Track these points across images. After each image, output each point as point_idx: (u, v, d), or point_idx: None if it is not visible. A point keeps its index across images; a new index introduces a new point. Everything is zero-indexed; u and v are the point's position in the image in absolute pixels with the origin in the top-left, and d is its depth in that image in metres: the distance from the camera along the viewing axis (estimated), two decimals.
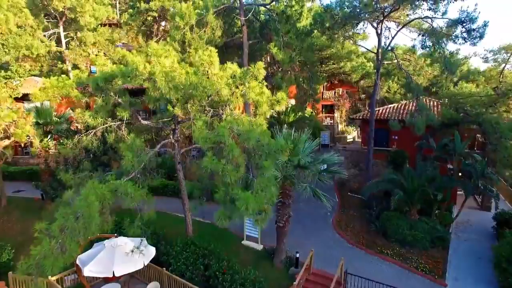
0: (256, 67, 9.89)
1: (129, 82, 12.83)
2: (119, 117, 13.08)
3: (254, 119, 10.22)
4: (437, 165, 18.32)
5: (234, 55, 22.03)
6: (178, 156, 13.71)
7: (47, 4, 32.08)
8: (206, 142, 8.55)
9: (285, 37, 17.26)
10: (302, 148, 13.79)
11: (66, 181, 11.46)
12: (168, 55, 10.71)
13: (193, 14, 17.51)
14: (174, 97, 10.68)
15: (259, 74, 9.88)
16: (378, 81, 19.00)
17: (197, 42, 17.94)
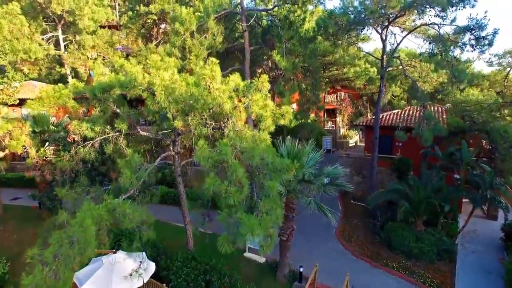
0: (260, 80, 9.47)
1: (128, 92, 12.44)
2: (117, 128, 12.67)
3: (258, 134, 9.79)
4: (443, 175, 17.90)
5: (235, 61, 21.61)
6: (178, 168, 13.30)
7: (46, 7, 31.64)
8: (208, 161, 8.12)
9: (287, 44, 16.84)
10: (306, 160, 13.39)
11: (62, 197, 11.03)
12: (168, 67, 10.28)
13: (194, 20, 17.09)
14: (174, 110, 10.26)
15: (263, 87, 9.47)
16: (382, 88, 18.56)
17: (198, 49, 17.51)
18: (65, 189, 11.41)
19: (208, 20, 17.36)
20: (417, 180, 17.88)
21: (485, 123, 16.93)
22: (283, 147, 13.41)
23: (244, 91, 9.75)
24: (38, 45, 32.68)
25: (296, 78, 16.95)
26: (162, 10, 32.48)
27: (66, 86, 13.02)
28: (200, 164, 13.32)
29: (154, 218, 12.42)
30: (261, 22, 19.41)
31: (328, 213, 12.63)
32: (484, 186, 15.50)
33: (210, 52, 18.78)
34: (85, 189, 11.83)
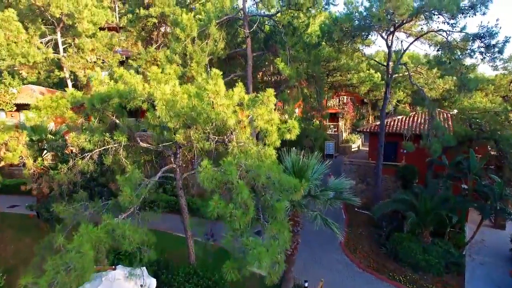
0: (266, 94, 9.05)
1: (127, 103, 12.03)
2: (116, 140, 12.26)
3: (263, 150, 9.38)
4: (449, 184, 17.49)
5: (237, 66, 21.20)
6: (180, 181, 12.88)
7: (44, 10, 31.21)
8: (212, 182, 7.71)
9: (291, 50, 16.42)
10: (311, 173, 12.99)
11: (60, 213, 10.62)
12: (169, 79, 9.86)
13: (195, 26, 16.67)
14: (176, 124, 9.85)
15: (269, 102, 9.06)
16: (388, 95, 18.15)
17: (199, 55, 17.09)
18: (63, 204, 11.01)
19: (209, 26, 16.94)
20: (423, 189, 17.48)
21: (493, 131, 16.51)
22: (288, 159, 13.00)
23: (249, 105, 9.33)
24: (36, 48, 32.29)
25: (300, 85, 16.54)
26: (162, 13, 32.05)
27: (65, 91, 12.66)
28: None
29: (154, 227, 12.03)
30: (264, 27, 18.99)
31: (335, 228, 12.22)
32: (494, 197, 15.10)
33: (212, 58, 18.38)
34: (84, 204, 11.42)
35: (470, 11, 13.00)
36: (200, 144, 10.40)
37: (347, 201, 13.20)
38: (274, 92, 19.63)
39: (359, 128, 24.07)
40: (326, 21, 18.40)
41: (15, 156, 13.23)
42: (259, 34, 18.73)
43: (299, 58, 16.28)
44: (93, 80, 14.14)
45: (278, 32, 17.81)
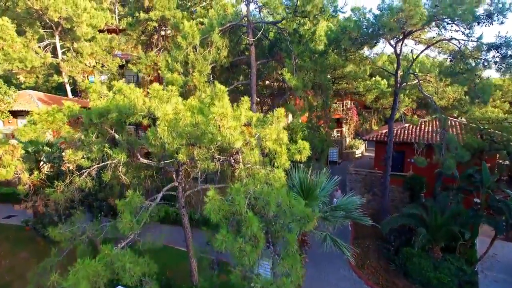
0: (275, 115, 8.45)
1: (127, 119, 11.44)
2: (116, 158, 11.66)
3: (272, 173, 8.78)
4: (460, 198, 16.89)
5: (240, 74, 20.60)
6: (182, 200, 12.28)
7: (43, 13, 30.57)
8: (219, 213, 7.11)
9: (297, 59, 15.81)
10: (319, 191, 12.41)
11: (55, 237, 10.01)
12: (171, 96, 9.26)
13: (197, 34, 16.06)
14: (178, 145, 9.24)
15: (279, 122, 8.46)
16: (396, 105, 17.54)
17: (201, 64, 16.48)
18: (59, 227, 10.40)
19: (212, 33, 16.32)
20: (433, 203, 16.87)
21: (508, 142, 15.90)
22: (295, 176, 12.39)
23: (257, 125, 8.73)
24: (34, 53, 31.69)
25: (306, 95, 15.97)
26: (163, 16, 31.42)
27: (64, 95, 12.04)
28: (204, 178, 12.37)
29: (154, 241, 11.44)
30: (268, 34, 18.37)
31: (345, 250, 11.63)
32: (509, 213, 14.49)
33: (214, 66, 17.77)
34: (81, 226, 10.82)
35: (487, 20, 12.41)
36: (205, 164, 9.80)
37: (357, 221, 12.59)
38: (277, 100, 18.96)
39: (364, 137, 23.42)
40: (332, 26, 17.76)
41: (9, 172, 12.58)
42: (263, 41, 18.11)
43: (305, 67, 15.68)
44: (91, 93, 13.59)
45: (283, 40, 17.21)
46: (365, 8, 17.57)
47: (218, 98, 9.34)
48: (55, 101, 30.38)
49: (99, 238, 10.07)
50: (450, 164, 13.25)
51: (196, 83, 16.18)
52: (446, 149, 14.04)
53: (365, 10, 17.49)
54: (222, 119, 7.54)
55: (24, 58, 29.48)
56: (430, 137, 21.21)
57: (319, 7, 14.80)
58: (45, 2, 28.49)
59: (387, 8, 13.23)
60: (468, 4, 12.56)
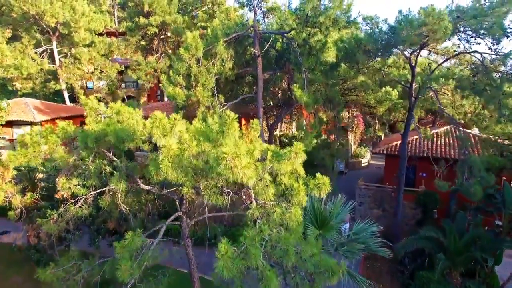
0: (294, 150, 7.48)
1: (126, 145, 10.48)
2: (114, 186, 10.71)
3: (288, 212, 7.81)
4: (480, 219, 15.94)
5: (245, 85, 19.64)
6: (186, 230, 11.30)
7: (39, 18, 29.58)
8: (231, 270, 6.15)
9: (307, 72, 14.85)
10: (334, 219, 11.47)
11: (46, 279, 9.04)
12: (175, 125, 8.28)
13: (201, 45, 15.09)
14: (183, 180, 8.28)
15: (298, 158, 7.50)
16: (411, 122, 16.61)
17: (205, 77, 15.51)
18: (50, 267, 9.43)
19: (216, 45, 15.35)
20: (450, 224, 15.91)
21: None
22: (309, 204, 11.42)
23: (272, 161, 7.77)
24: (30, 59, 30.70)
25: (316, 110, 15.04)
26: (163, 21, 30.48)
27: (61, 103, 11.06)
28: None
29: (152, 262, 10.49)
30: (275, 44, 17.40)
31: (364, 286, 10.66)
32: None
33: (218, 78, 16.78)
34: (76, 264, 9.85)
35: None
36: (213, 199, 8.86)
37: (376, 253, 11.64)
38: (285, 110, 17.78)
39: (374, 150, 22.47)
40: (344, 36, 16.78)
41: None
42: (270, 51, 17.13)
43: (315, 81, 14.72)
44: (88, 110, 12.65)
45: (291, 51, 16.24)
46: (377, 17, 16.59)
47: (228, 126, 8.37)
48: (52, 109, 29.40)
49: (96, 278, 9.10)
50: (477, 191, 12.29)
51: (200, 98, 15.21)
52: (469, 169, 13.07)
53: (377, 19, 16.57)
54: (234, 159, 6.58)
55: (20, 65, 28.49)
56: (443, 151, 20.27)
57: (332, 18, 13.86)
58: (41, 7, 27.50)
59: (407, 21, 12.26)
60: (495, 15, 11.60)
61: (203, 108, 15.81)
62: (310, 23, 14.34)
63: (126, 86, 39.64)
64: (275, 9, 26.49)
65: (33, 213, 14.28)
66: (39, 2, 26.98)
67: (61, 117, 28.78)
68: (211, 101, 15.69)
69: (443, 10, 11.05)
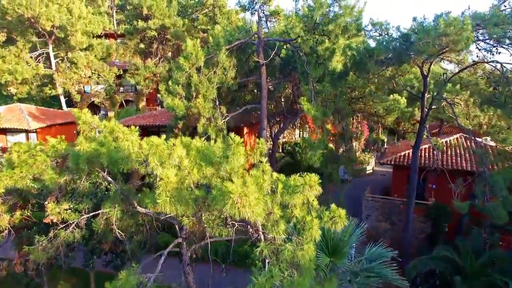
0: (308, 183, 6.62)
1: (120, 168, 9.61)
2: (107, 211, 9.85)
3: (301, 250, 6.94)
4: (497, 238, 15.09)
5: (248, 94, 18.77)
6: (187, 256, 10.44)
7: (35, 22, 28.69)
8: None
9: (315, 83, 13.98)
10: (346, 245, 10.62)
11: None
12: (174, 151, 7.42)
13: (201, 54, 14.23)
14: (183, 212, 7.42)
15: (312, 190, 6.65)
16: (422, 133, 15.75)
17: (206, 87, 14.65)
18: None
19: (218, 53, 14.49)
20: (465, 243, 15.05)
21: None
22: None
23: (283, 194, 6.91)
24: (26, 63, 29.81)
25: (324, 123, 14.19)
26: (163, 25, 29.60)
27: (58, 108, 10.16)
28: None
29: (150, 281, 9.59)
30: (280, 52, 16.53)
31: None
32: None
33: (220, 87, 15.89)
34: None
35: None
36: (216, 231, 7.99)
37: (393, 282, 10.78)
38: (290, 120, 16.73)
39: (381, 160, 21.61)
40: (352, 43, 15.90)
41: None
42: (275, 59, 16.26)
43: (323, 92, 13.85)
44: (81, 124, 11.82)
45: (298, 59, 15.38)
46: (388, 23, 15.72)
47: (232, 151, 7.51)
48: (48, 115, 28.48)
49: None
50: (501, 214, 11.43)
51: (201, 110, 14.35)
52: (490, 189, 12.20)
53: (388, 25, 15.72)
54: (242, 198, 5.72)
55: (14, 70, 27.62)
56: (455, 162, 19.42)
57: (341, 26, 13.00)
58: (36, 10, 26.62)
59: (423, 30, 11.38)
60: None
61: (204, 120, 14.96)
62: (318, 30, 13.50)
63: (124, 90, 38.73)
64: (278, 13, 25.72)
65: (22, 232, 13.43)
66: (34, 5, 26.08)
67: (57, 124, 27.96)
68: (213, 113, 14.82)
69: (466, 19, 10.18)
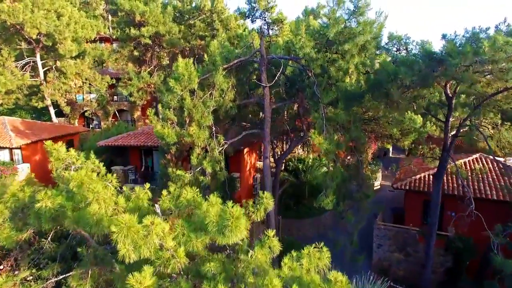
0: (313, 261, 4.74)
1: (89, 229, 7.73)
2: None
3: None
4: None
5: (248, 115, 16.87)
6: None
7: (20, 29, 26.76)
8: None
9: (326, 109, 12.08)
10: None
11: None
12: (152, 233, 5.52)
13: (195, 75, 12.32)
14: None
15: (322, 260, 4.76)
16: (446, 163, 13.90)
17: (201, 112, 12.75)
18: None
19: (215, 73, 12.58)
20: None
21: None
22: None
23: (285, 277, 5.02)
24: (10, 73, 27.86)
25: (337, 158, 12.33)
26: (157, 32, 27.65)
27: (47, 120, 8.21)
28: None
29: None
30: (286, 70, 14.63)
31: None
32: None
33: (217, 109, 13.95)
34: None
35: None
36: None
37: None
38: (295, 142, 14.66)
39: (395, 184, 19.74)
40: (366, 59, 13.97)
41: None
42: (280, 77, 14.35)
43: (336, 120, 11.95)
44: (53, 161, 10.08)
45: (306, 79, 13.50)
46: (408, 37, 13.87)
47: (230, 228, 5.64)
48: (34, 129, 26.51)
49: None
50: None
51: (195, 140, 12.43)
52: None
53: (407, 40, 13.87)
54: None
55: None
56: (478, 189, 17.54)
57: (359, 45, 11.12)
58: (20, 17, 24.65)
59: (458, 52, 9.47)
60: None
61: (198, 150, 13.06)
62: (331, 49, 11.64)
63: (118, 99, 36.86)
64: (281, 21, 23.77)
65: None
66: (17, 12, 24.14)
67: (44, 139, 26.02)
68: (209, 142, 12.91)
69: None
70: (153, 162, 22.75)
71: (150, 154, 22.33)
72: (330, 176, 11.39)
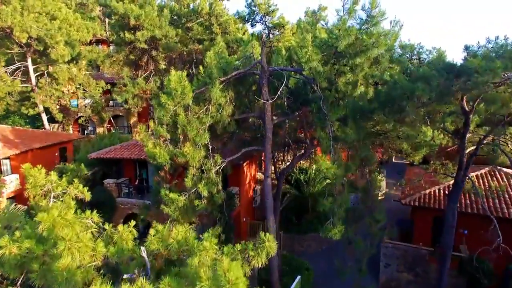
0: None
1: None
2: None
3: None
4: None
5: (247, 129, 15.73)
6: None
7: (10, 33, 25.65)
8: None
9: (333, 127, 10.95)
10: None
11: None
12: None
13: (189, 89, 11.21)
14: None
15: None
16: (463, 184, 12.81)
17: (195, 129, 11.62)
18: None
19: (211, 87, 11.46)
20: None
21: None
22: None
23: None
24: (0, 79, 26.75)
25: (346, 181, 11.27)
26: (153, 36, 26.51)
27: None
28: None
29: None
30: (288, 81, 13.49)
31: None
32: None
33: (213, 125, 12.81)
34: None
35: None
36: None
37: None
38: (298, 158, 13.47)
39: (404, 201, 18.61)
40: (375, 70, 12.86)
41: None
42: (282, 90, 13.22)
43: (345, 140, 10.84)
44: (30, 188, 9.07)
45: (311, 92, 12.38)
46: (421, 46, 12.80)
47: None
48: (25, 138, 25.36)
49: None
50: None
51: (190, 160, 11.30)
52: None
53: (421, 49, 12.81)
54: None
55: None
56: (493, 208, 16.41)
57: (372, 58, 10.04)
58: (8, 21, 23.51)
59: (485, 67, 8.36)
60: None
61: (193, 170, 11.93)
62: (341, 62, 10.53)
63: (114, 104, 35.70)
64: (283, 25, 22.63)
65: None
66: (5, 15, 22.99)
67: (35, 148, 24.91)
68: (205, 163, 11.79)
69: None
70: (147, 174, 21.64)
71: (145, 166, 21.21)
72: (338, 203, 10.25)
